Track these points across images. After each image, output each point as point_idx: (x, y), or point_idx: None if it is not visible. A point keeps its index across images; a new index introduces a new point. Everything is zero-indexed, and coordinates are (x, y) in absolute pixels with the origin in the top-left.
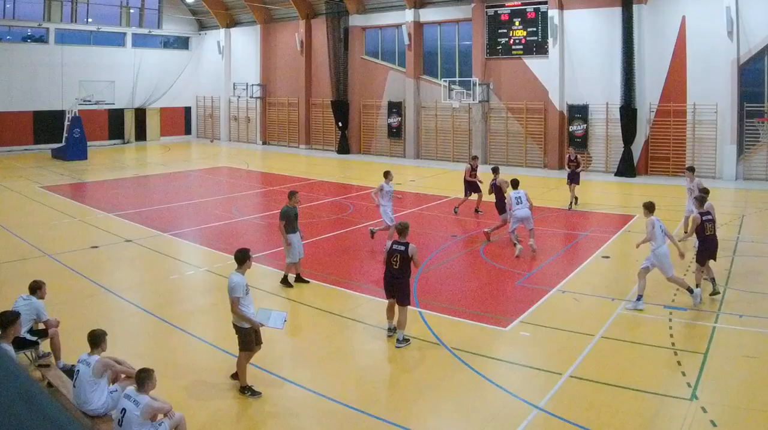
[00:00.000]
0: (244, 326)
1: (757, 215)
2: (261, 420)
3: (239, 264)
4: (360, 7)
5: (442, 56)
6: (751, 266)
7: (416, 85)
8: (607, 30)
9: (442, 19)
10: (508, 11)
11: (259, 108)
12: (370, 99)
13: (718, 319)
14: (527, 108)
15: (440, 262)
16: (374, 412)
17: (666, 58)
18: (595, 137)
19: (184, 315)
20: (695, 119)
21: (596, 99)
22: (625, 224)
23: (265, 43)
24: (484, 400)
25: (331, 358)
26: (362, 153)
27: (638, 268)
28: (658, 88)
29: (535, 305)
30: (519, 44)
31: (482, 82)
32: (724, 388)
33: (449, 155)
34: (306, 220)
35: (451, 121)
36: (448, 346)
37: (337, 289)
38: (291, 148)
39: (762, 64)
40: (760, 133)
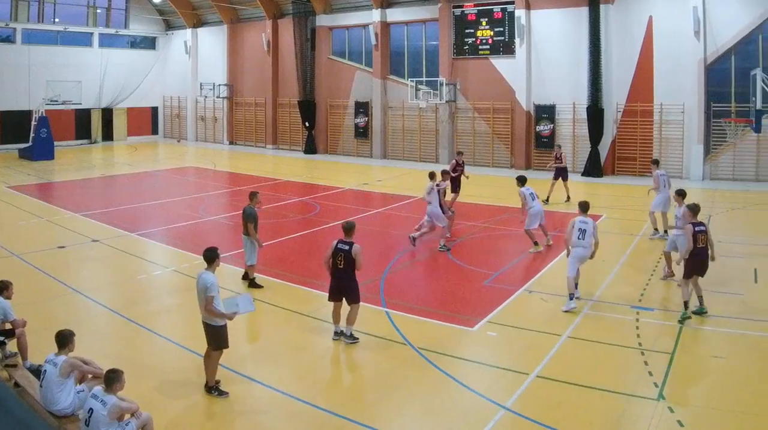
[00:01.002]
0: (217, 323)
1: (724, 215)
2: (229, 420)
3: (209, 263)
4: (327, 7)
5: (409, 56)
6: (718, 265)
7: (383, 85)
8: (574, 30)
9: (408, 19)
10: (475, 11)
11: (226, 108)
12: (337, 99)
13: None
14: (494, 108)
15: (407, 262)
16: (341, 412)
17: (633, 58)
18: (562, 137)
19: (152, 315)
20: (662, 119)
21: (563, 99)
22: None
23: (232, 43)
24: (451, 400)
25: (298, 358)
26: (329, 153)
27: (604, 268)
28: (625, 88)
29: (502, 305)
30: (486, 44)
31: (449, 82)
32: (691, 388)
33: (416, 155)
34: (272, 220)
35: (418, 121)
36: (414, 346)
37: (304, 289)
38: (258, 148)
39: (729, 64)
40: (726, 133)
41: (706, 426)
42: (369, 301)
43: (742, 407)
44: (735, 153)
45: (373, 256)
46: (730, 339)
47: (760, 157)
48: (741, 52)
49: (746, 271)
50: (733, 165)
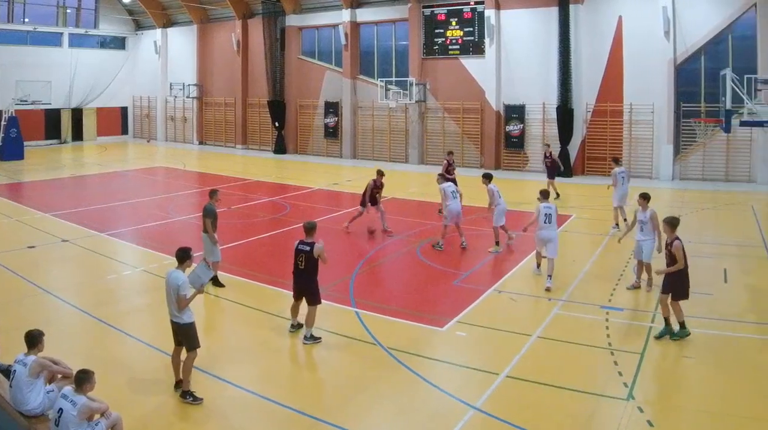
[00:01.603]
0: (186, 321)
1: (693, 215)
2: (200, 420)
3: (180, 262)
4: (296, 7)
5: (379, 56)
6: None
7: (353, 85)
8: (544, 30)
9: (378, 19)
10: (445, 11)
11: (196, 108)
12: (306, 99)
13: (654, 319)
14: (464, 108)
15: (377, 262)
16: (311, 412)
17: (603, 58)
18: (531, 137)
19: (121, 315)
20: (632, 119)
21: (533, 99)
22: (562, 223)
23: (201, 43)
24: (420, 400)
25: (269, 358)
26: (299, 153)
27: (574, 268)
28: (594, 88)
29: (471, 305)
30: (456, 44)
31: (419, 82)
32: (660, 388)
33: (386, 155)
34: (242, 220)
35: (388, 121)
36: (384, 346)
37: (274, 289)
38: (227, 148)
39: (698, 64)
40: (696, 133)
41: (676, 426)
42: (338, 301)
43: (712, 408)
44: (705, 153)
45: (342, 256)
46: (700, 339)
47: (729, 157)
48: (711, 53)
49: (716, 271)
50: (702, 165)
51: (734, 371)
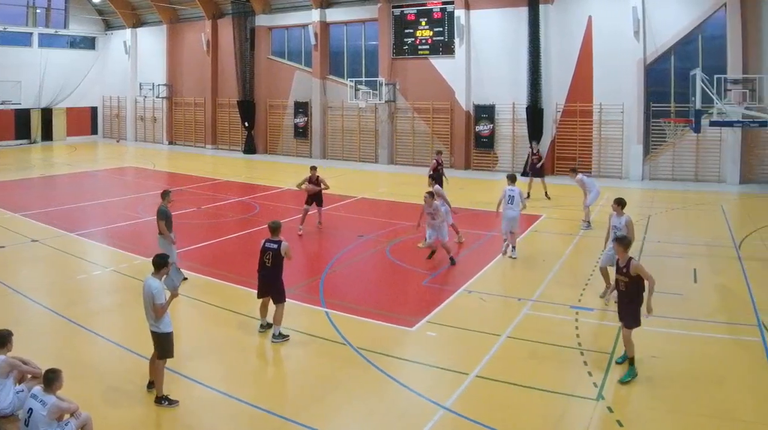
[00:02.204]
0: (164, 331)
1: (663, 215)
2: (170, 419)
3: (157, 269)
4: (266, 7)
5: (349, 56)
6: (657, 265)
7: (322, 85)
8: (514, 30)
9: (348, 19)
10: (415, 11)
11: (166, 108)
12: (276, 99)
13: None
14: (433, 108)
15: (347, 262)
16: (281, 412)
17: (572, 58)
18: (501, 137)
19: (91, 315)
20: (602, 119)
21: (503, 99)
22: (532, 223)
23: (171, 43)
24: (390, 400)
25: (238, 358)
26: (268, 153)
27: (544, 268)
28: (564, 88)
29: (441, 305)
30: (425, 44)
31: (388, 82)
32: (630, 388)
33: (355, 155)
34: (211, 220)
35: (358, 121)
36: (354, 346)
37: (243, 289)
38: (197, 148)
39: (668, 64)
40: (666, 134)
41: (645, 426)
42: (308, 301)
43: (681, 407)
44: (674, 153)
45: (312, 256)
46: (669, 339)
47: (699, 157)
48: (680, 53)
49: (686, 271)
50: (672, 165)
51: (703, 370)
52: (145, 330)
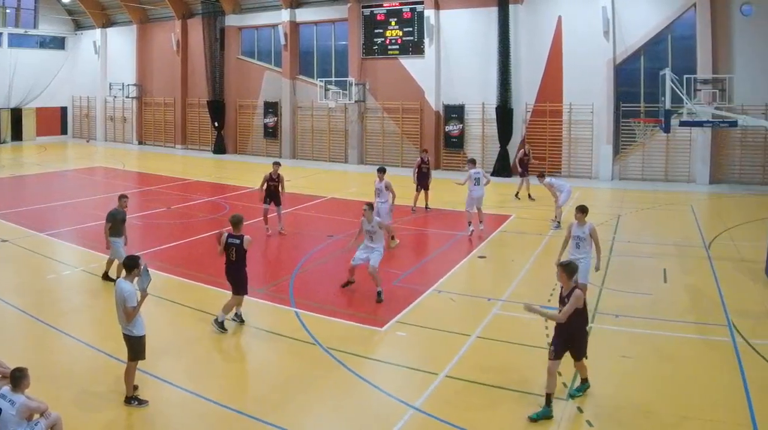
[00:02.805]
0: (137, 334)
1: (632, 215)
2: (139, 419)
3: (128, 271)
4: (236, 7)
5: (319, 56)
6: (627, 266)
7: (292, 85)
8: (484, 30)
9: (318, 19)
10: (384, 11)
11: (135, 108)
12: (246, 99)
13: (594, 319)
14: (403, 108)
15: (316, 262)
16: (251, 412)
17: (542, 58)
18: (471, 137)
19: (61, 315)
20: (571, 119)
21: (472, 99)
22: (501, 223)
23: (141, 43)
24: (360, 400)
25: (208, 358)
26: (238, 153)
27: (514, 268)
28: (534, 88)
29: (411, 305)
30: (395, 44)
31: (358, 82)
32: (599, 388)
33: (325, 155)
34: (181, 220)
35: (327, 121)
36: (323, 345)
37: (212, 289)
38: (167, 148)
39: (638, 64)
40: (636, 134)
41: (615, 426)
42: (278, 301)
43: (650, 407)
44: (644, 153)
45: (282, 256)
46: (639, 339)
47: (668, 157)
48: (650, 53)
49: (656, 271)
50: (642, 165)
51: (673, 370)
52: (116, 330)
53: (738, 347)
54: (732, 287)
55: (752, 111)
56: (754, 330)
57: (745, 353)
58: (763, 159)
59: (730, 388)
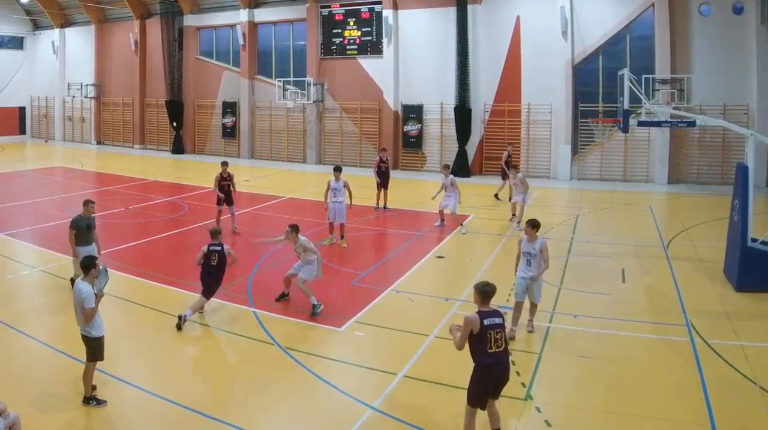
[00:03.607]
0: (95, 335)
1: (591, 215)
2: (98, 419)
3: (85, 273)
4: (194, 7)
5: (277, 56)
6: (585, 265)
7: (251, 85)
8: (442, 30)
9: (276, 19)
10: (343, 11)
11: (94, 108)
12: (204, 99)
13: (552, 319)
14: (362, 108)
15: (275, 262)
16: (210, 412)
17: (500, 58)
18: (429, 137)
19: (20, 315)
20: (530, 119)
21: (431, 99)
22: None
23: (99, 43)
24: (318, 399)
25: (167, 358)
26: (197, 153)
27: (472, 268)
28: (492, 88)
29: (369, 305)
30: (353, 44)
31: (316, 82)
32: (558, 388)
33: (283, 155)
34: (140, 220)
35: (286, 121)
36: (282, 345)
37: (171, 289)
38: (125, 148)
39: (596, 64)
40: (594, 134)
41: (573, 426)
42: (236, 301)
43: (609, 407)
44: (602, 153)
45: (240, 256)
46: (597, 339)
47: (627, 157)
48: (608, 53)
49: (614, 271)
50: (600, 165)
51: (631, 370)
52: (75, 330)
53: (696, 346)
54: (690, 287)
55: (710, 111)
56: (712, 330)
57: (703, 353)
58: (722, 159)
59: (689, 388)
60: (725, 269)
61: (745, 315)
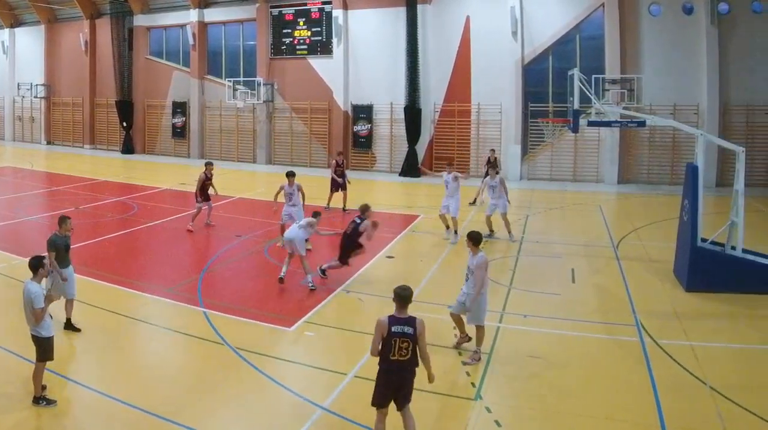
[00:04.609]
0: (45, 335)
1: (541, 215)
2: (51, 419)
3: (34, 272)
4: (144, 7)
5: (227, 56)
6: (535, 265)
7: (201, 85)
8: (392, 30)
9: (226, 19)
10: (293, 11)
11: (44, 108)
12: (154, 99)
13: (502, 319)
14: (311, 108)
15: (225, 262)
16: (160, 412)
17: (450, 59)
18: (379, 137)
19: None
20: (480, 119)
21: (381, 99)
22: (409, 223)
23: (49, 43)
24: (268, 399)
25: (117, 359)
26: (147, 153)
27: (422, 268)
28: (442, 88)
29: (319, 305)
30: (303, 44)
31: (266, 82)
32: (508, 388)
33: (233, 155)
34: (90, 220)
35: (236, 121)
36: (232, 346)
37: (123, 289)
38: (75, 148)
39: (546, 65)
40: (544, 134)
41: (524, 426)
42: (186, 301)
43: (558, 407)
44: (552, 153)
45: (190, 255)
46: (547, 339)
47: (577, 157)
48: (558, 53)
49: (564, 271)
50: (550, 165)
51: (581, 370)
52: (25, 330)
53: (646, 346)
54: (640, 287)
55: (660, 111)
56: (662, 330)
57: (653, 353)
58: (671, 159)
59: (639, 388)
60: (675, 269)
61: (695, 315)
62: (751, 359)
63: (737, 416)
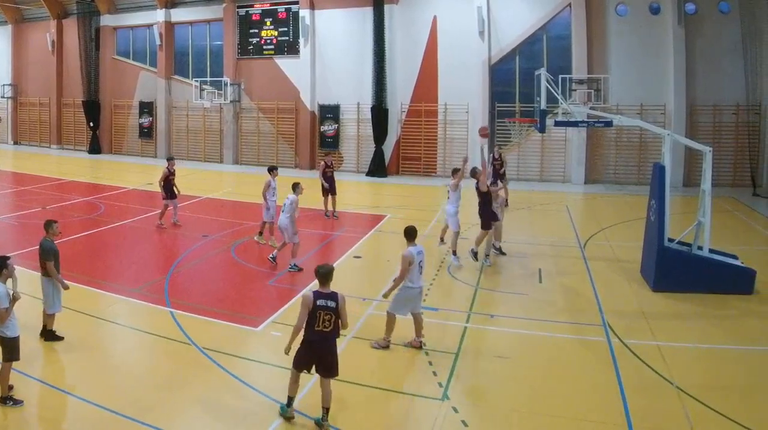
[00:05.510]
0: (10, 335)
1: (508, 215)
2: (18, 420)
3: None
4: (111, 7)
5: (194, 56)
6: (502, 265)
7: (167, 85)
8: (359, 30)
9: (193, 18)
10: (260, 11)
11: (11, 108)
12: (121, 99)
13: (469, 319)
14: (278, 108)
15: (192, 262)
16: (127, 412)
17: (417, 58)
18: (346, 137)
19: None
20: (447, 119)
21: (348, 99)
22: (377, 223)
23: (16, 42)
24: (235, 399)
25: (84, 358)
26: (114, 153)
27: (389, 268)
28: (409, 87)
29: (286, 305)
30: (270, 44)
31: (233, 82)
32: (475, 388)
33: (200, 155)
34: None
35: (203, 121)
36: (199, 346)
37: (90, 289)
38: (42, 148)
39: (513, 65)
40: (511, 134)
41: (490, 426)
42: (153, 301)
43: (526, 407)
44: (519, 153)
45: (157, 255)
46: (514, 339)
47: (544, 157)
48: (525, 52)
49: (531, 271)
50: (518, 165)
51: (548, 370)
52: None
53: (613, 346)
54: (607, 287)
55: (627, 111)
56: (628, 330)
57: (620, 353)
58: (638, 159)
59: (606, 388)
60: (642, 269)
61: (662, 315)
62: (717, 358)
63: (704, 415)
